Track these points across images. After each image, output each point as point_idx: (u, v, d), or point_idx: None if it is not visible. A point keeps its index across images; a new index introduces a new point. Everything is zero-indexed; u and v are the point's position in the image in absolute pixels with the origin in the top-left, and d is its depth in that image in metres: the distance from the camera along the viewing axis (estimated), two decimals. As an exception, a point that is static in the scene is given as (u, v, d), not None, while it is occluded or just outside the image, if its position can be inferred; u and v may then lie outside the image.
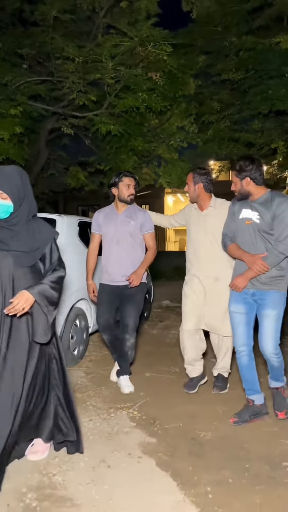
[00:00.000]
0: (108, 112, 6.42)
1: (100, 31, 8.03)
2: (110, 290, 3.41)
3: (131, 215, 3.42)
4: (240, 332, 2.87)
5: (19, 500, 2.00)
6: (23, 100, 5.98)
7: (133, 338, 3.38)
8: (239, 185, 2.78)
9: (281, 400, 2.93)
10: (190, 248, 3.45)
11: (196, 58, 7.18)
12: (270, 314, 2.74)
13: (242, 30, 6.89)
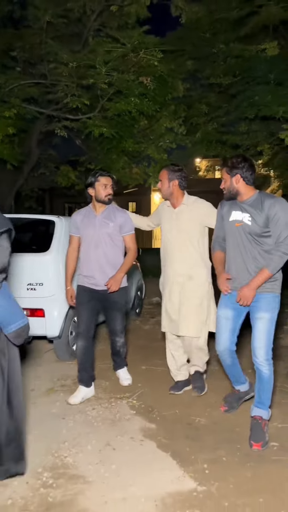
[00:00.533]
0: (101, 115, 6.61)
1: (91, 34, 8.20)
2: (91, 295, 3.30)
3: (110, 216, 3.30)
4: (224, 337, 2.82)
5: (36, 478, 2.23)
6: (17, 103, 6.13)
7: (122, 338, 3.48)
8: (228, 182, 2.70)
9: (259, 432, 2.63)
10: (163, 246, 3.40)
11: (185, 63, 7.41)
12: (264, 317, 2.65)
13: (230, 38, 7.15)
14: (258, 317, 2.66)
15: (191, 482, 2.22)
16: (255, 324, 2.68)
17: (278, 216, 2.55)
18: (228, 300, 2.80)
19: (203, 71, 7.57)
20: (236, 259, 2.74)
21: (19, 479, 2.20)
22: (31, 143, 8.99)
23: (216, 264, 2.91)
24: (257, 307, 2.68)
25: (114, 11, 8.14)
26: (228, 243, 2.81)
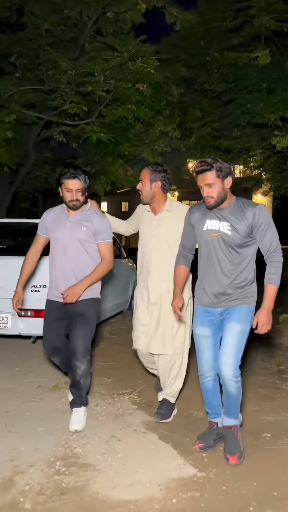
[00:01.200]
0: (99, 121, 6.80)
1: (87, 40, 8.38)
2: (57, 307, 2.92)
3: (85, 218, 2.88)
4: (207, 356, 2.60)
5: (49, 466, 2.42)
6: (17, 108, 6.29)
7: (84, 364, 2.85)
8: (219, 188, 2.38)
9: (233, 442, 2.52)
10: (141, 256, 3.11)
11: (179, 70, 7.62)
12: (234, 329, 2.45)
13: (223, 46, 7.38)
14: (229, 329, 2.47)
15: (191, 469, 2.43)
16: (225, 337, 2.48)
17: (266, 225, 2.40)
18: (203, 316, 2.60)
19: (197, 78, 7.78)
20: (209, 272, 2.53)
21: (35, 467, 2.39)
22: (28, 146, 9.16)
23: (176, 280, 2.66)
24: (228, 318, 2.50)
25: (110, 17, 8.35)
26: (201, 255, 2.58)
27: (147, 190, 2.95)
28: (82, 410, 2.96)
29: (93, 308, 2.93)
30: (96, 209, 3.00)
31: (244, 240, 2.43)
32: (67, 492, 2.19)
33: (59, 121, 6.98)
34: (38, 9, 6.85)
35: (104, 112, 6.71)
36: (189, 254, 2.68)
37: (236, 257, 2.46)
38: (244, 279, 2.50)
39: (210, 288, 2.54)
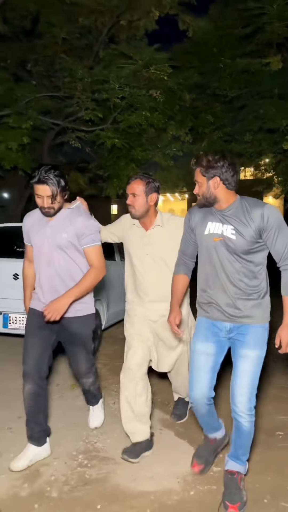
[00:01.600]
0: (113, 127, 6.96)
1: (101, 46, 8.56)
2: (41, 321, 2.48)
3: (66, 222, 2.47)
4: (203, 380, 2.25)
5: (73, 459, 2.55)
6: (34, 115, 6.47)
7: (91, 377, 2.79)
8: (204, 187, 2.14)
9: (235, 490, 2.18)
10: (132, 275, 2.78)
11: (192, 76, 7.75)
12: (250, 355, 2.16)
13: (236, 53, 7.49)
14: (243, 355, 2.17)
15: (207, 464, 2.54)
16: (239, 364, 2.18)
17: (277, 228, 2.08)
18: (208, 329, 2.28)
19: (210, 84, 7.91)
20: (212, 281, 2.23)
21: (58, 460, 2.53)
22: (43, 150, 9.35)
23: (174, 291, 2.37)
24: (243, 342, 2.18)
25: (124, 25, 8.53)
26: (202, 262, 2.29)
27: (141, 204, 2.60)
28: (99, 406, 3.02)
29: (88, 327, 2.66)
30: (84, 208, 2.61)
31: (250, 246, 2.11)
32: (90, 483, 2.32)
33: (75, 127, 7.15)
34: (54, 19, 7.02)
35: (119, 118, 6.87)
36: (189, 261, 2.40)
37: (244, 264, 2.16)
38: (254, 289, 2.18)
39: (216, 299, 2.23)
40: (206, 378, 2.25)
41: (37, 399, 2.49)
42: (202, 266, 2.30)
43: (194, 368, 2.28)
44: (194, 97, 8.70)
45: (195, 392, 2.27)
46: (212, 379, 2.27)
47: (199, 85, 8.39)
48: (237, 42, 7.59)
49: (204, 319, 2.32)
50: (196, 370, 2.27)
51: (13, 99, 6.97)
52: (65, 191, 2.46)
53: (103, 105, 6.79)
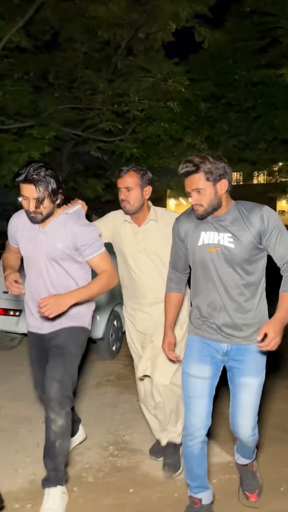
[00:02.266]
0: (132, 137, 7.25)
1: (119, 58, 8.86)
2: (38, 343, 2.34)
3: (60, 230, 2.16)
4: (200, 407, 2.02)
5: (104, 450, 2.81)
6: (57, 126, 6.79)
7: (61, 417, 2.10)
8: (210, 194, 1.88)
9: (251, 478, 2.29)
10: (127, 275, 2.58)
11: (208, 88, 8.01)
12: (252, 383, 1.99)
13: (251, 65, 7.72)
14: (245, 384, 1.99)
15: (227, 456, 2.77)
16: (239, 394, 2.01)
17: (278, 229, 1.92)
18: (202, 350, 2.05)
19: (226, 95, 8.15)
20: (208, 297, 2.02)
21: (91, 451, 2.79)
22: (62, 159, 9.70)
23: (168, 313, 2.18)
24: (243, 370, 2.00)
25: (141, 37, 8.82)
26: (196, 276, 2.07)
27: (136, 198, 2.41)
28: (58, 491, 2.13)
29: (75, 342, 2.24)
30: (83, 213, 2.30)
31: (251, 253, 1.94)
32: (121, 470, 2.57)
33: (96, 137, 7.46)
34: (77, 35, 7.34)
35: (138, 129, 7.15)
36: (182, 275, 2.19)
37: (244, 276, 1.96)
38: (255, 303, 2.00)
39: (212, 317, 2.02)
40: (203, 404, 2.02)
41: None
42: (196, 280, 2.07)
43: (190, 394, 2.04)
44: (209, 106, 8.97)
45: (192, 421, 2.03)
46: (209, 405, 2.04)
47: (214, 95, 8.64)
48: (252, 54, 7.82)
49: (197, 339, 2.08)
50: (192, 397, 2.03)
51: (36, 111, 7.31)
52: (57, 195, 2.09)
53: (123, 116, 7.08)
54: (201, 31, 8.33)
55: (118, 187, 2.46)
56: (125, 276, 2.62)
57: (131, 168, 2.45)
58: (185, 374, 2.08)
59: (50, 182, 2.05)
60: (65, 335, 2.23)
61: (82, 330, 2.31)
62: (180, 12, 8.06)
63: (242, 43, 7.63)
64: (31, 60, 8.57)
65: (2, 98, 7.13)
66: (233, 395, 2.06)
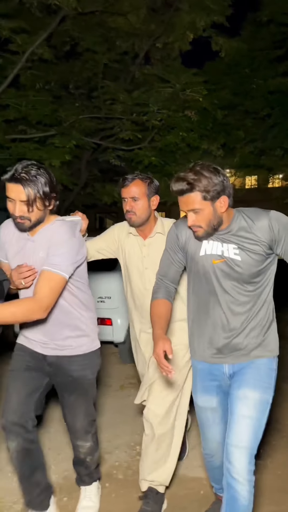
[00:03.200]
0: (150, 146, 7.42)
1: (138, 68, 9.05)
2: (30, 360, 2.03)
3: (48, 236, 1.87)
4: (215, 433, 1.94)
5: (131, 449, 2.96)
6: (78, 136, 7.00)
7: (88, 441, 2.13)
8: (209, 214, 1.68)
9: None
10: (131, 293, 2.40)
11: (225, 96, 8.14)
12: (250, 397, 1.73)
13: (268, 74, 7.83)
14: (241, 397, 1.75)
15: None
16: (235, 408, 1.75)
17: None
18: (205, 378, 1.90)
19: (243, 104, 8.28)
20: (210, 314, 1.83)
21: (119, 450, 2.94)
22: (81, 166, 9.92)
23: (155, 319, 1.83)
24: (240, 381, 1.78)
25: (159, 46, 9.01)
26: (195, 290, 1.88)
27: (143, 209, 2.22)
28: (94, 487, 2.25)
29: (91, 369, 2.08)
30: (77, 224, 1.93)
31: (260, 265, 1.74)
32: (149, 469, 2.70)
33: (116, 146, 7.65)
34: (96, 46, 7.56)
35: (156, 138, 7.32)
36: (171, 285, 1.96)
37: (251, 289, 1.77)
38: (261, 318, 1.81)
39: (212, 336, 1.83)
40: (218, 431, 1.93)
41: (28, 456, 1.97)
42: (194, 294, 1.88)
43: (202, 424, 1.98)
44: (226, 114, 9.09)
45: (209, 445, 1.99)
46: (224, 429, 1.85)
47: (231, 103, 8.76)
48: (269, 63, 7.93)
49: (198, 363, 1.93)
50: (204, 426, 1.97)
51: (57, 120, 7.53)
52: (49, 199, 1.82)
53: (141, 125, 7.25)
54: (218, 40, 8.46)
55: (122, 197, 2.26)
56: (130, 294, 2.42)
57: (136, 176, 2.25)
58: (195, 405, 1.99)
59: (41, 182, 1.77)
60: (80, 364, 2.02)
61: (95, 353, 2.09)
62: (197, 22, 8.23)
63: (259, 52, 7.74)
64: (51, 70, 8.81)
65: (25, 108, 7.38)
66: (230, 412, 1.78)
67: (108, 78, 8.29)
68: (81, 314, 2.01)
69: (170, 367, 1.67)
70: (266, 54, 7.79)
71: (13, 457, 1.98)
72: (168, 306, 1.90)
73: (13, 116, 7.46)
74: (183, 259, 1.92)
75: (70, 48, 9.29)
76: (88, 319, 2.05)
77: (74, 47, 9.11)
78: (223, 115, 8.88)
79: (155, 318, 1.85)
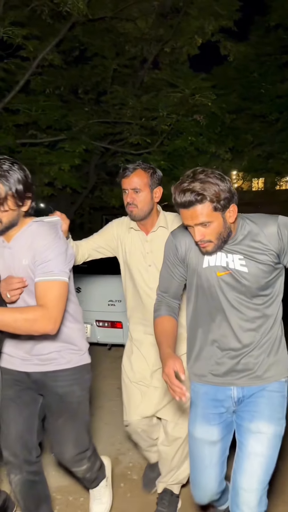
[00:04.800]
0: (159, 150, 7.49)
1: (146, 72, 9.12)
2: (18, 383, 1.83)
3: (28, 241, 1.69)
4: (210, 480, 1.66)
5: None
6: (87, 141, 7.08)
7: (84, 464, 1.94)
8: (218, 226, 1.51)
9: None
10: (133, 293, 2.24)
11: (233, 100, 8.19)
12: (265, 432, 1.56)
13: (277, 79, 7.87)
14: (255, 431, 1.57)
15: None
16: (247, 442, 1.58)
17: None
18: (208, 406, 1.67)
19: (251, 108, 8.33)
20: (214, 331, 1.66)
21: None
22: (89, 169, 10.00)
23: (161, 338, 1.67)
24: (255, 412, 1.60)
25: (168, 51, 9.08)
26: (197, 305, 1.70)
27: (145, 201, 2.07)
28: (101, 487, 2.16)
29: (81, 384, 1.84)
30: (57, 225, 1.74)
31: (268, 276, 1.58)
32: (162, 470, 2.76)
33: (125, 151, 7.73)
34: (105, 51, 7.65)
35: (165, 142, 7.38)
36: (173, 302, 1.79)
37: (259, 303, 1.62)
38: (273, 335, 1.66)
39: (220, 356, 1.66)
40: (214, 473, 1.66)
41: (33, 489, 1.82)
42: (197, 310, 1.70)
43: (197, 462, 1.68)
44: (234, 117, 9.14)
45: (201, 492, 1.71)
46: (221, 472, 1.67)
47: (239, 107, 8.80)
48: (278, 69, 7.97)
49: (201, 387, 1.71)
50: (199, 465, 1.67)
51: (67, 125, 7.62)
52: (23, 199, 1.65)
53: (150, 129, 7.32)
54: (227, 45, 8.52)
55: (123, 189, 2.10)
56: (131, 295, 2.27)
57: (138, 165, 2.10)
58: (190, 437, 1.71)
59: (14, 179, 1.61)
60: (68, 379, 1.80)
61: (85, 367, 1.88)
62: (206, 27, 8.30)
63: (268, 57, 7.80)
64: (60, 75, 8.91)
65: (35, 113, 7.49)
66: (240, 446, 1.61)
67: (116, 83, 8.39)
68: (68, 327, 1.80)
69: (184, 388, 1.46)
70: (274, 59, 7.82)
71: (16, 490, 1.81)
72: (173, 323, 1.73)
73: (24, 121, 7.58)
74: (185, 272, 1.73)
75: (79, 53, 9.42)
76: (76, 331, 1.85)
77: (83, 52, 9.23)
78: (231, 119, 8.95)
79: (161, 336, 1.69)
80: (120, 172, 2.13)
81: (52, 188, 8.28)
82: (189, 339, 1.77)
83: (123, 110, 7.21)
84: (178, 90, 6.83)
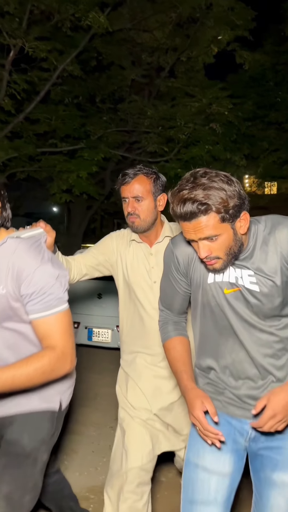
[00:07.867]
0: (176, 158, 7.65)
1: (162, 81, 9.29)
2: None
3: (3, 262, 1.35)
4: None
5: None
6: (106, 149, 7.27)
7: None
8: (228, 238, 1.24)
9: None
10: (135, 316, 1.95)
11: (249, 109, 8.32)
12: (286, 481, 1.32)
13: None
14: (279, 483, 1.32)
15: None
16: (270, 497, 1.33)
17: None
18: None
19: (267, 115, 8.45)
20: (227, 356, 1.40)
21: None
22: (105, 176, 10.20)
23: (177, 367, 1.45)
24: (277, 460, 1.34)
25: (184, 60, 9.24)
26: (204, 324, 1.44)
27: (149, 211, 1.83)
28: None
29: (34, 434, 1.46)
30: (41, 240, 1.43)
31: (284, 293, 1.31)
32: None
33: (142, 159, 7.90)
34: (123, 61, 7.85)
35: (182, 151, 7.54)
36: (178, 318, 1.57)
37: (276, 324, 1.35)
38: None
39: (231, 384, 1.41)
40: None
41: None
42: (204, 330, 1.44)
43: (196, 498, 1.37)
44: (249, 125, 9.25)
45: None
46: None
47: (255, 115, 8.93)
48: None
49: None
50: (198, 502, 1.36)
51: (86, 134, 7.83)
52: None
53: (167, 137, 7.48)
54: (242, 54, 8.65)
55: (122, 198, 1.85)
56: (130, 319, 1.97)
57: (139, 170, 1.84)
58: (191, 465, 1.40)
59: None
60: (21, 426, 1.45)
61: (45, 415, 1.48)
62: (222, 36, 8.43)
63: (283, 66, 7.91)
64: (78, 84, 9.12)
65: (55, 122, 7.70)
66: (260, 496, 1.36)
67: (133, 91, 8.58)
68: None
69: (220, 433, 1.25)
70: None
71: None
72: (186, 345, 1.49)
73: (44, 130, 7.80)
74: (188, 286, 1.46)
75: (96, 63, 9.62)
76: None
77: (100, 61, 9.43)
78: (247, 126, 9.06)
79: (178, 364, 1.44)
80: (119, 178, 1.86)
81: (70, 194, 8.49)
82: (198, 358, 1.50)
83: (141, 119, 7.38)
84: (195, 100, 6.97)
